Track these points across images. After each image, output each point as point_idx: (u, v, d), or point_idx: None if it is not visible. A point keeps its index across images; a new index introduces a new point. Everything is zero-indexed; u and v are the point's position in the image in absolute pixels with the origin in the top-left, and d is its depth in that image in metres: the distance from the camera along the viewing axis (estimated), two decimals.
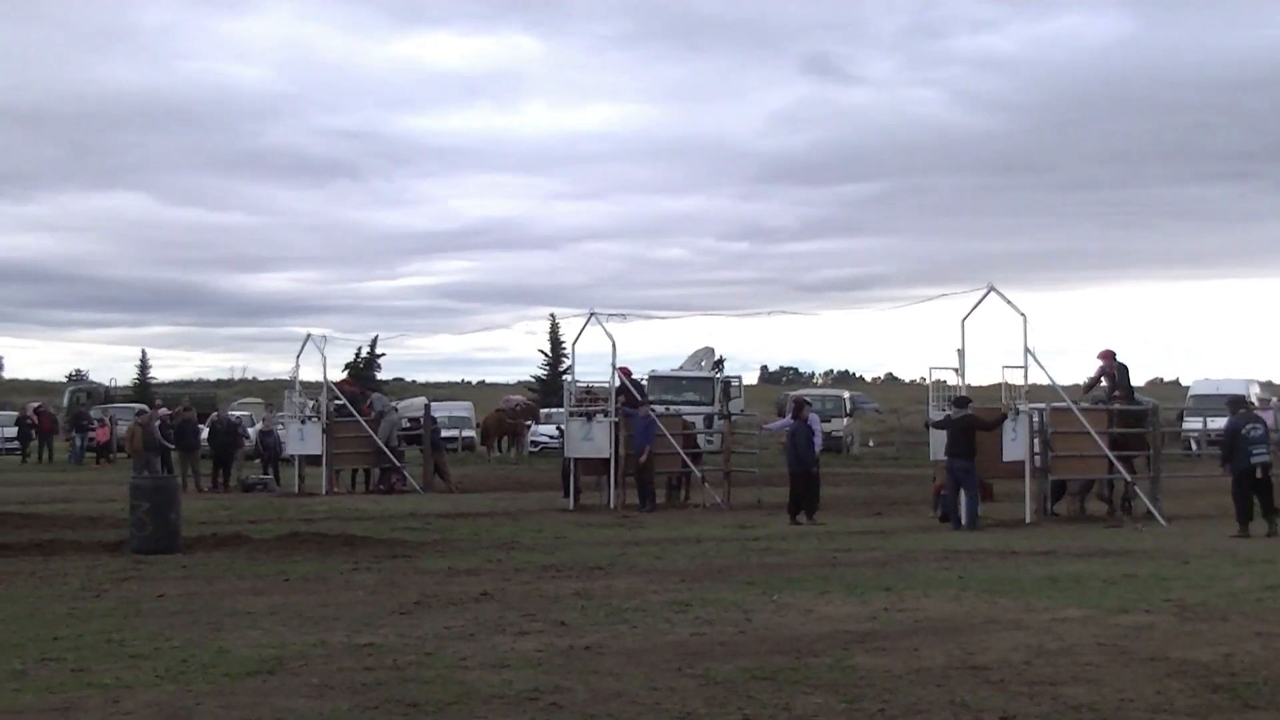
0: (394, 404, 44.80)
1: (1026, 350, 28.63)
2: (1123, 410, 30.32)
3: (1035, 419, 28.42)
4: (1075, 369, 31.29)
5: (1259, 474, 26.14)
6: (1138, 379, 32.88)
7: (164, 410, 46.84)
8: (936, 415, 30.42)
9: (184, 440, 43.39)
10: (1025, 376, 28.75)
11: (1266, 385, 66.80)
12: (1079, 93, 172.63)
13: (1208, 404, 57.68)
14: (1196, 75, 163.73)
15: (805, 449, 30.00)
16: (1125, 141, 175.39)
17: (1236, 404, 27.90)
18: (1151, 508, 28.46)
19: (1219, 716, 10.39)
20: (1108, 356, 30.69)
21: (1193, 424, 56.59)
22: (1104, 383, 30.85)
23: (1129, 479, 29.23)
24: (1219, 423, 55.08)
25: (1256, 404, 37.03)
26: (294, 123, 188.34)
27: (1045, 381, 29.44)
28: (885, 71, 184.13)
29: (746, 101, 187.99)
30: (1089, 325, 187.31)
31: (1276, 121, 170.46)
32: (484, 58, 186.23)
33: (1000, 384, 29.36)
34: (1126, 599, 16.33)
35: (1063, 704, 10.75)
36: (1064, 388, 29.92)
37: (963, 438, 27.76)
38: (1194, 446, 55.45)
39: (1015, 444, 28.40)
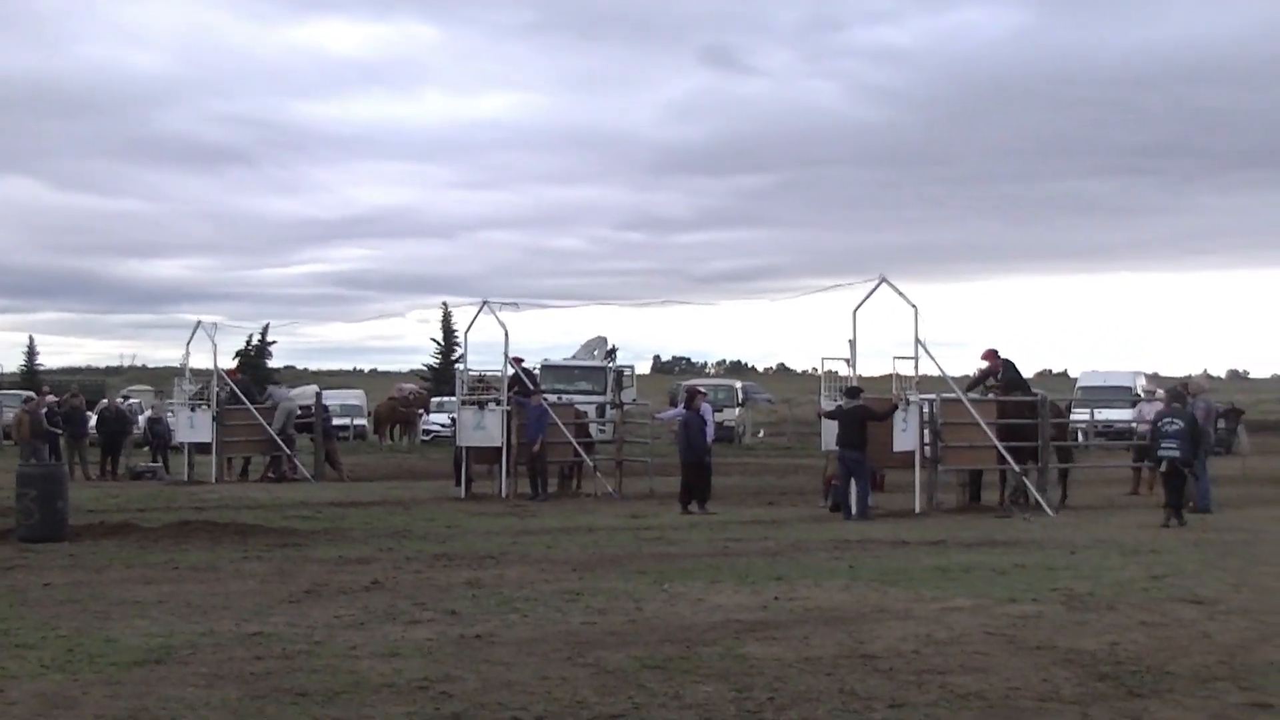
0: (289, 393, 44.47)
1: (917, 341, 28.78)
2: (1016, 403, 30.47)
3: (925, 410, 28.58)
4: (968, 361, 31.50)
5: (1163, 467, 26.56)
6: (1027, 370, 33.01)
7: (52, 397, 46.31)
8: (828, 405, 30.53)
9: (72, 427, 42.95)
10: (916, 367, 28.92)
11: (1152, 378, 67.50)
12: (976, 86, 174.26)
13: (1095, 396, 58.28)
14: (1091, 70, 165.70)
15: (697, 438, 30.03)
16: (1021, 136, 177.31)
17: (1173, 396, 28.27)
18: (1039, 498, 28.67)
19: (1104, 704, 10.47)
20: (991, 356, 30.84)
21: (1080, 415, 57.14)
22: (990, 381, 30.95)
23: (1018, 470, 29.42)
24: (1106, 414, 55.85)
25: (1143, 396, 37.33)
26: (190, 109, 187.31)
27: (936, 373, 29.66)
28: (784, 63, 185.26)
29: (645, 92, 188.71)
30: (982, 317, 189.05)
31: (1168, 117, 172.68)
32: (382, 45, 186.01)
33: (891, 375, 29.46)
34: (1015, 589, 16.43)
35: (951, 692, 10.82)
36: (955, 379, 30.10)
37: (855, 428, 27.86)
38: (1081, 438, 56.00)
39: (906, 434, 28.54)
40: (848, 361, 29.88)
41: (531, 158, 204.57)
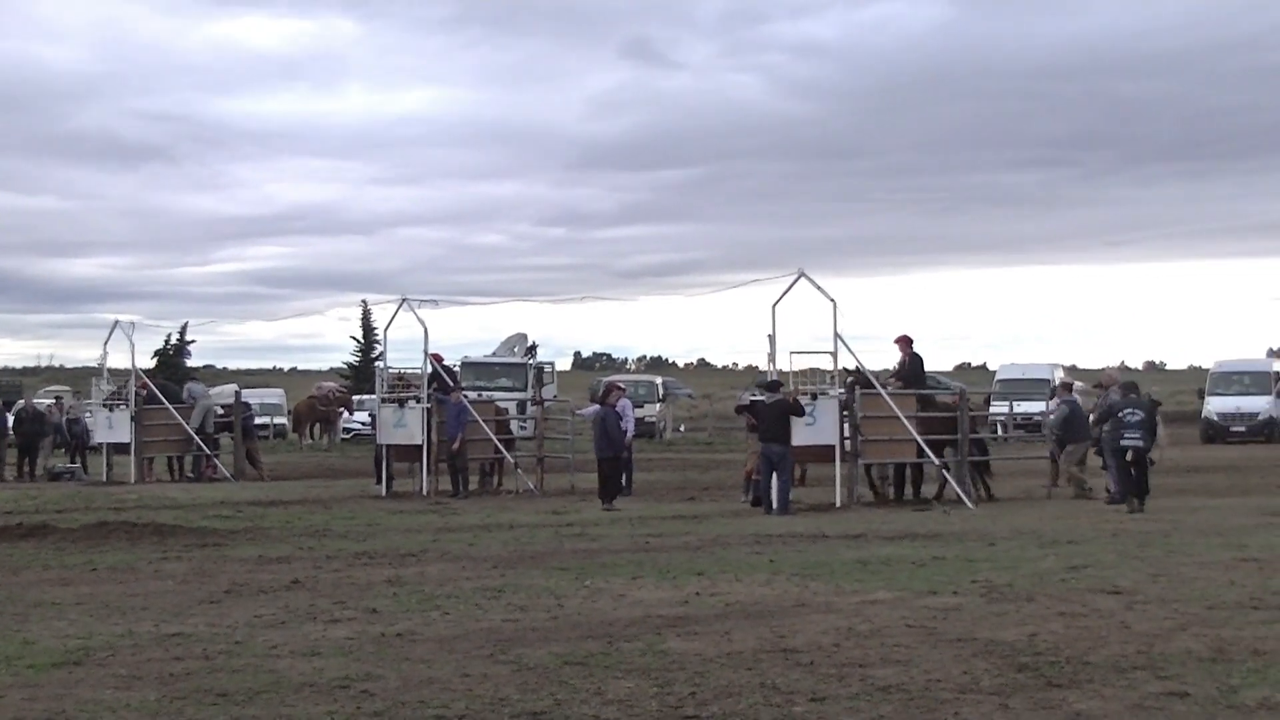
0: (208, 391, 44.25)
1: (836, 335, 28.90)
2: (922, 396, 30.60)
3: (841, 403, 28.68)
4: (886, 354, 31.53)
5: (1129, 456, 27.11)
6: (946, 363, 33.28)
7: None
8: (746, 399, 30.67)
9: None
10: (835, 361, 29.02)
11: (1070, 370, 67.96)
12: (897, 79, 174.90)
13: (1014, 388, 58.63)
14: (1011, 63, 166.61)
15: (615, 433, 30.05)
16: (941, 128, 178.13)
17: (1128, 388, 28.58)
18: (959, 491, 28.84)
19: (1023, 695, 10.52)
20: (904, 343, 30.91)
21: (999, 408, 57.44)
22: (892, 369, 31.00)
23: (938, 463, 29.59)
24: (1025, 406, 56.15)
25: (1060, 387, 37.55)
26: (107, 105, 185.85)
27: (854, 366, 29.74)
28: (705, 56, 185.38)
29: (566, 86, 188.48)
30: (902, 310, 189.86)
31: (1087, 109, 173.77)
32: (302, 40, 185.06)
33: (809, 369, 29.53)
34: (935, 581, 16.51)
35: (872, 685, 10.83)
36: (873, 372, 30.19)
37: (777, 422, 27.90)
38: (1000, 430, 56.30)
39: (813, 429, 28.58)
40: (768, 356, 29.88)
41: (453, 153, 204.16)
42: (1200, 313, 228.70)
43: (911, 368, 30.64)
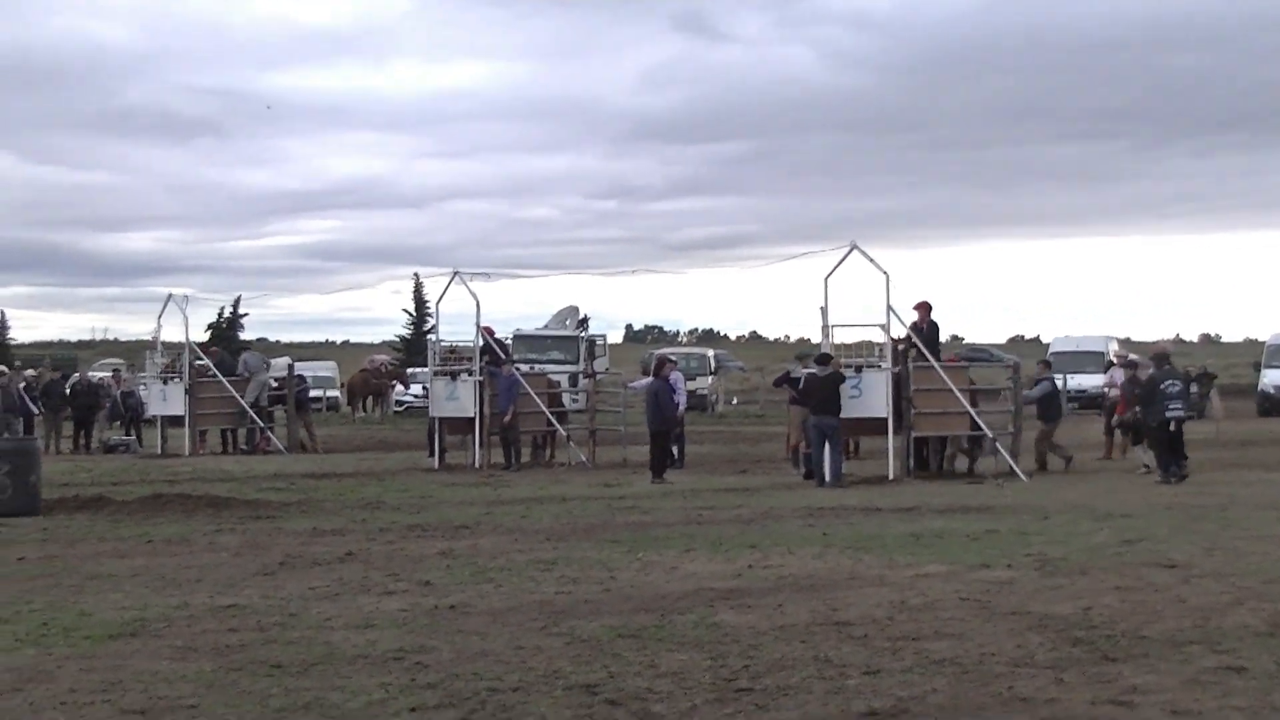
0: (267, 362, 44.30)
1: (889, 308, 28.80)
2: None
3: (892, 376, 28.56)
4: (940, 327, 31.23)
5: (1173, 427, 27.20)
6: (999, 336, 33.14)
7: (29, 372, 46.16)
8: (797, 372, 30.60)
9: (50, 402, 42.81)
10: (888, 334, 28.91)
11: (1124, 343, 67.59)
12: (948, 51, 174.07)
13: (1067, 361, 58.28)
14: (1062, 35, 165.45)
15: (666, 407, 30.02)
16: (992, 100, 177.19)
17: (1161, 359, 28.52)
18: (1012, 464, 28.70)
19: (1078, 669, 10.44)
20: (923, 308, 30.56)
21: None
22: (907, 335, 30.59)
23: (990, 436, 29.47)
24: (1079, 380, 55.77)
25: (1115, 360, 37.34)
26: (159, 81, 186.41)
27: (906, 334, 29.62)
28: (757, 29, 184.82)
29: (617, 59, 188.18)
30: (954, 283, 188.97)
31: (1138, 82, 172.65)
32: (352, 14, 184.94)
33: (862, 342, 29.47)
34: (988, 554, 16.43)
35: (925, 658, 10.78)
36: (905, 340, 30.05)
37: (829, 394, 27.81)
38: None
39: (861, 401, 28.49)
40: (822, 329, 29.76)
41: (503, 127, 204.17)
42: (1256, 285, 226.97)
43: (928, 334, 30.34)
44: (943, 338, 31.64)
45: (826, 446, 27.64)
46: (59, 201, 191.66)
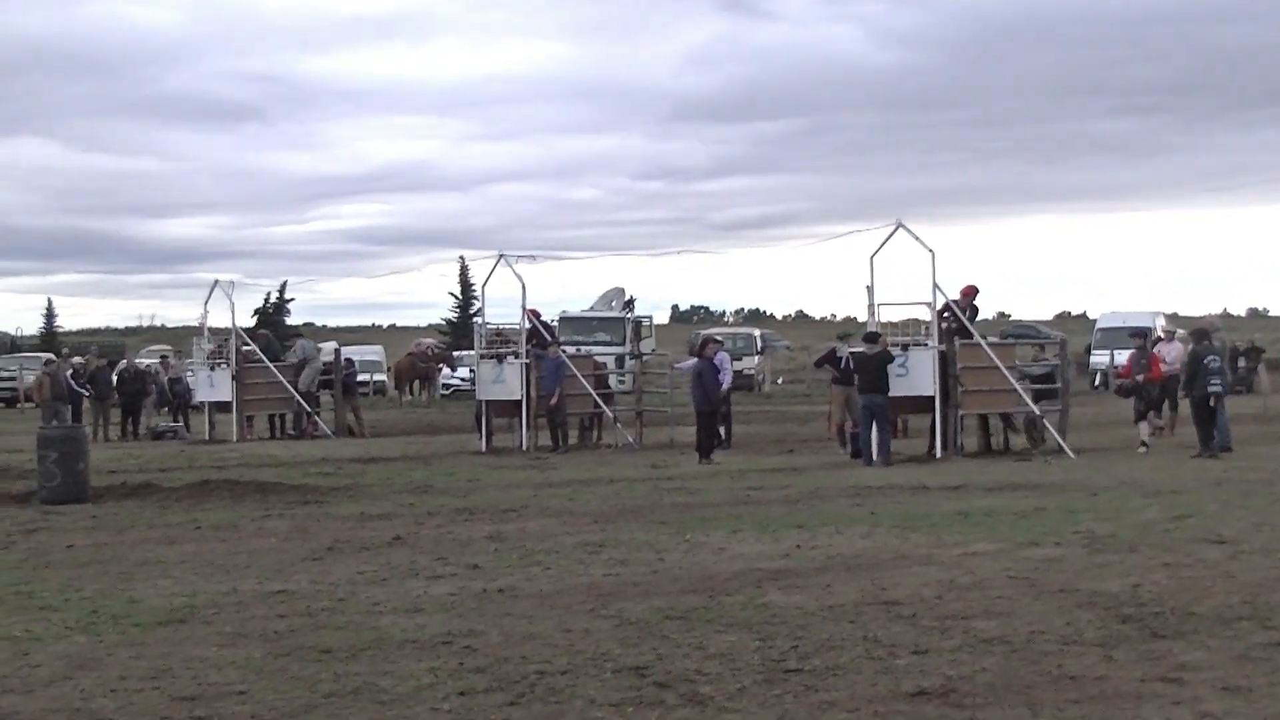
0: (318, 348, 44.30)
1: (935, 286, 28.70)
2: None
3: (938, 354, 28.45)
4: (986, 304, 31.16)
5: (1212, 402, 27.29)
6: (1046, 312, 33.00)
7: (77, 359, 46.30)
8: (840, 351, 30.53)
9: (98, 389, 42.94)
10: (934, 312, 28.81)
11: (1171, 318, 67.24)
12: (994, 27, 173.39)
13: (1115, 337, 57.91)
14: (1110, 8, 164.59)
15: (711, 387, 29.96)
16: (1039, 76, 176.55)
17: (1200, 335, 28.46)
18: (1060, 441, 28.58)
19: (1127, 646, 10.43)
20: (971, 292, 30.34)
21: (1100, 357, 56.66)
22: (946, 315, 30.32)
23: (1038, 413, 29.36)
24: (1126, 356, 55.41)
25: (1163, 336, 37.12)
26: (203, 66, 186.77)
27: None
28: (802, 7, 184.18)
29: (662, 39, 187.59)
30: (1000, 260, 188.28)
31: (1187, 55, 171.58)
32: None
33: (908, 320, 29.37)
34: (1036, 532, 16.41)
35: (974, 637, 10.79)
36: (950, 316, 29.93)
37: (877, 373, 27.73)
38: (1100, 380, 55.57)
39: (907, 380, 28.40)
40: (868, 308, 29.64)
41: (547, 108, 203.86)
42: None
43: (968, 316, 30.08)
44: (989, 315, 31.54)
45: (874, 425, 27.55)
46: (104, 189, 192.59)
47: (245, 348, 40.83)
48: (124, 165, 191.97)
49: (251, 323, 53.22)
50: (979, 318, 31.19)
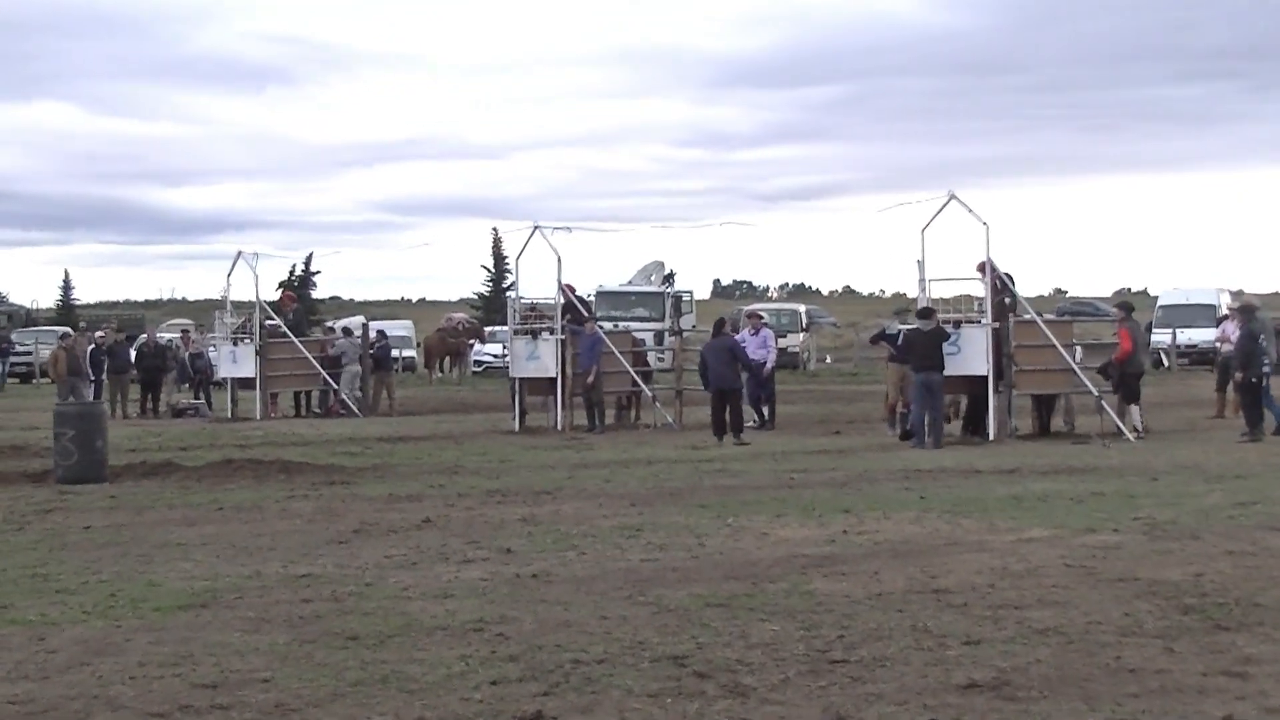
0: (358, 343, 43.72)
1: (989, 261, 28.30)
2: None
3: (991, 331, 28.05)
4: (1041, 280, 30.70)
5: (1266, 383, 27.32)
6: (1105, 289, 32.56)
7: (99, 334, 46.02)
8: (894, 328, 30.15)
9: (115, 364, 42.60)
10: (987, 288, 28.40)
11: (1237, 294, 66.59)
12: None
13: (1177, 315, 57.17)
14: None
15: (726, 368, 29.66)
16: (1101, 40, 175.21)
17: (1249, 311, 28.30)
18: (1119, 423, 28.17)
19: (1189, 638, 10.31)
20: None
21: (1161, 336, 56.03)
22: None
23: (1096, 394, 28.92)
24: (1189, 335, 54.71)
25: (1227, 314, 36.59)
26: (228, 27, 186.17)
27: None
28: None
29: (704, 2, 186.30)
30: (1057, 232, 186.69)
31: (1255, 18, 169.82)
32: None
33: (960, 296, 28.97)
34: (1094, 518, 16.24)
35: (1028, 628, 10.68)
36: (1027, 299, 29.58)
37: (934, 350, 27.29)
38: (1164, 360, 55.03)
39: (959, 358, 27.99)
40: (920, 282, 29.24)
41: (586, 73, 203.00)
42: None
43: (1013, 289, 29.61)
44: (1046, 291, 31.18)
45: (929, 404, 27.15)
46: (124, 155, 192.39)
47: (269, 322, 40.49)
48: (145, 130, 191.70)
49: (277, 295, 52.65)
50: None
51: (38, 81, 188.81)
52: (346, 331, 43.95)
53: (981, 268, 28.94)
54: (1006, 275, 29.33)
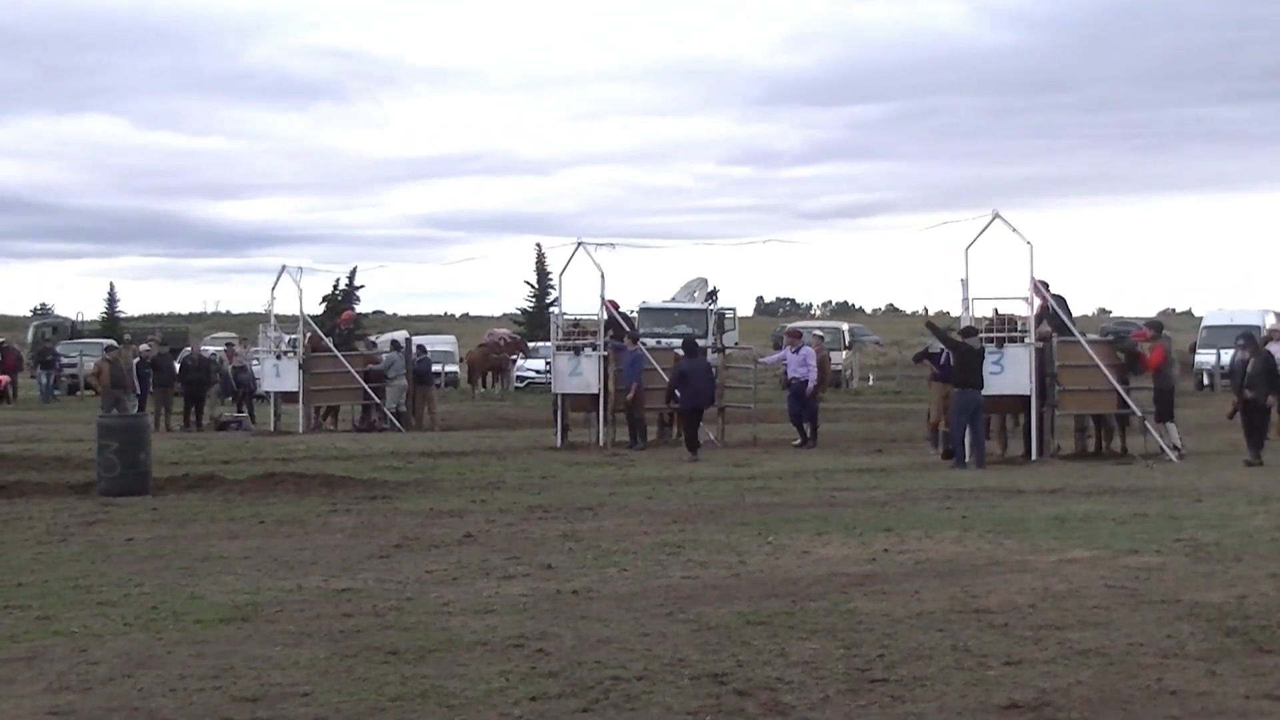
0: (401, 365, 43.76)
1: (1033, 280, 28.27)
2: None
3: (1034, 352, 27.97)
4: (1086, 299, 30.64)
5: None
6: (1149, 309, 32.43)
7: (144, 347, 46.19)
8: (935, 347, 30.08)
9: (160, 376, 42.76)
10: (1031, 308, 28.34)
11: None
12: (1104, 7, 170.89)
13: (1222, 336, 56.94)
14: None
15: (708, 386, 30.89)
16: (1151, 59, 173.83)
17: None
18: (1162, 444, 28.06)
19: (1232, 660, 10.24)
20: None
21: (1206, 357, 55.77)
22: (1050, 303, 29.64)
23: (1139, 413, 28.82)
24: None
25: (1271, 335, 36.38)
26: (276, 42, 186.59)
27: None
28: None
29: (753, 18, 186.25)
30: (1103, 253, 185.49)
31: None
32: None
33: (1004, 316, 28.90)
34: (1136, 539, 16.14)
35: (1070, 649, 10.62)
36: (1072, 319, 29.49)
37: (978, 367, 27.21)
38: (1207, 380, 54.77)
39: (1002, 377, 27.91)
40: (963, 301, 29.20)
41: (633, 90, 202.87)
42: None
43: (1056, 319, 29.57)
44: (1089, 311, 31.09)
45: (971, 424, 27.07)
46: (171, 168, 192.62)
47: (340, 329, 40.56)
48: (192, 144, 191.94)
49: (320, 310, 52.60)
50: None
51: (88, 95, 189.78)
52: (395, 345, 44.08)
53: (1034, 288, 28.93)
54: (1059, 297, 29.31)
